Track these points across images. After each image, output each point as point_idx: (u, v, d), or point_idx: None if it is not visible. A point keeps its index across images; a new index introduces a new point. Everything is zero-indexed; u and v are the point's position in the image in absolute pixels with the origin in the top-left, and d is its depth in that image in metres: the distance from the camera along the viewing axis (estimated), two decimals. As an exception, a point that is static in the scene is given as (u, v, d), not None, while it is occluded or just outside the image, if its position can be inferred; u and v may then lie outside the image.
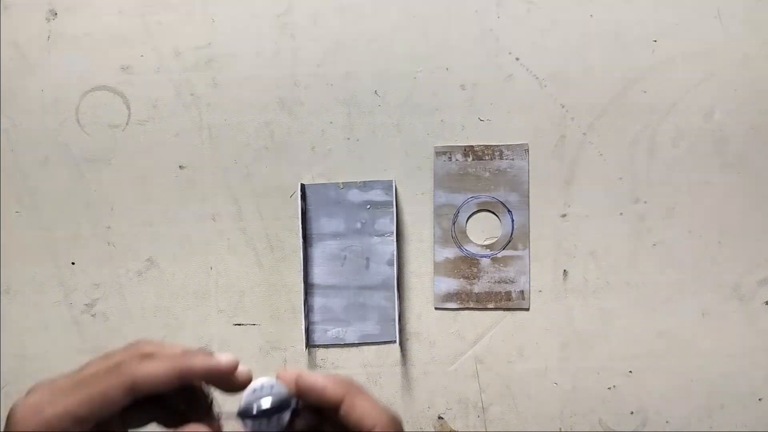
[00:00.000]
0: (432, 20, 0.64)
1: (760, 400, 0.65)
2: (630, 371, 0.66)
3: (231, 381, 0.32)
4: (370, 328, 0.65)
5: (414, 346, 0.66)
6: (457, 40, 0.64)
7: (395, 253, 0.64)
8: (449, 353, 0.66)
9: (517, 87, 0.64)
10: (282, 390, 0.30)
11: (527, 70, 0.64)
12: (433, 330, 0.66)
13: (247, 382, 0.32)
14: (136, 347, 0.32)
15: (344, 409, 0.32)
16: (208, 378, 0.31)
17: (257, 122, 0.65)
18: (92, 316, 0.66)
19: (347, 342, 0.65)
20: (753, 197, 0.65)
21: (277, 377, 0.32)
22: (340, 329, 0.65)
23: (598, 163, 0.65)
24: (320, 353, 0.66)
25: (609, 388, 0.65)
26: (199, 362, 0.31)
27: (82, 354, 0.66)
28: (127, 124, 0.65)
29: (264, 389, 0.29)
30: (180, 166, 0.65)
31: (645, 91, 0.64)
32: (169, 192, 0.65)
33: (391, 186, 0.64)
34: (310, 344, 0.66)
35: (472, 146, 0.65)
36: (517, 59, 0.64)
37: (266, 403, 0.30)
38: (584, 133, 0.65)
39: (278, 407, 0.30)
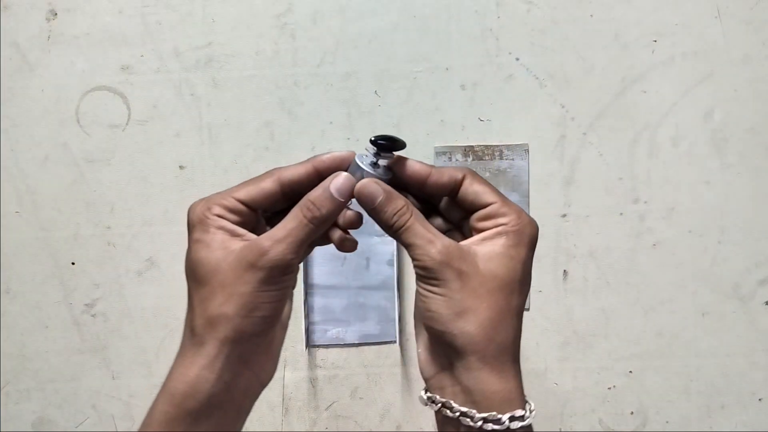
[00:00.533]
0: (432, 20, 0.64)
1: (760, 400, 0.65)
2: (630, 371, 0.66)
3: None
4: (370, 328, 0.65)
5: (414, 347, 0.66)
6: (457, 40, 0.64)
7: (395, 253, 0.64)
8: (449, 353, 0.66)
9: (517, 87, 0.64)
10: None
11: (527, 70, 0.64)
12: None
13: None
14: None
15: (434, 178, 0.38)
16: (333, 166, 0.38)
17: (257, 122, 0.65)
18: (92, 316, 0.66)
19: (347, 342, 0.65)
20: (753, 197, 0.65)
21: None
22: (340, 329, 0.65)
23: (598, 163, 0.65)
24: (320, 353, 0.66)
25: (609, 388, 0.66)
26: (324, 157, 0.38)
27: (82, 354, 0.66)
28: (127, 124, 0.65)
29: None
30: (180, 166, 0.65)
31: (645, 91, 0.64)
32: (169, 192, 0.65)
33: (391, 186, 0.65)
34: (310, 344, 0.66)
35: (472, 146, 0.65)
36: (517, 59, 0.64)
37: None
38: (584, 133, 0.65)
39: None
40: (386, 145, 0.37)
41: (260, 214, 0.39)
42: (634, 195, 0.65)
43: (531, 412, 0.34)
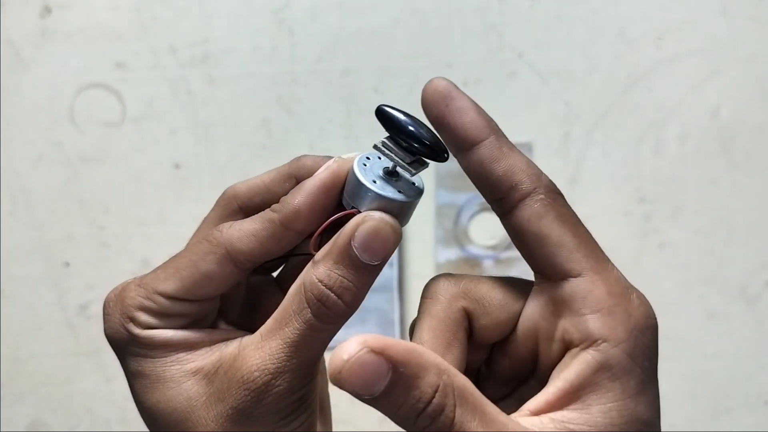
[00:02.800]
0: (433, 15, 0.64)
1: (766, 403, 0.65)
2: (635, 374, 0.65)
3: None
4: (371, 330, 0.65)
5: (415, 349, 0.66)
6: (459, 36, 0.64)
7: (396, 253, 0.63)
8: (451, 356, 0.66)
9: (521, 84, 0.64)
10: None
11: (531, 66, 0.64)
12: (435, 332, 0.65)
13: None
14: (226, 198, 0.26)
15: (486, 153, 0.23)
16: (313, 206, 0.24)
17: (254, 120, 0.65)
18: (86, 317, 0.66)
19: (347, 344, 0.65)
20: (760, 196, 0.65)
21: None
22: (339, 331, 0.65)
23: (603, 162, 0.64)
24: (319, 356, 0.66)
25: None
26: (294, 205, 0.24)
27: (76, 357, 0.66)
28: (121, 122, 0.65)
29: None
30: (175, 165, 0.65)
31: (650, 89, 0.64)
32: (164, 191, 0.65)
33: (392, 185, 0.64)
34: (308, 347, 0.65)
35: (474, 145, 0.64)
36: (521, 56, 0.64)
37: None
38: (589, 132, 0.64)
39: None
40: (426, 149, 0.22)
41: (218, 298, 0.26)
42: (640, 194, 0.65)
43: None
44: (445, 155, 0.23)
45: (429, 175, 0.65)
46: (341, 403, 0.67)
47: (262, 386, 0.22)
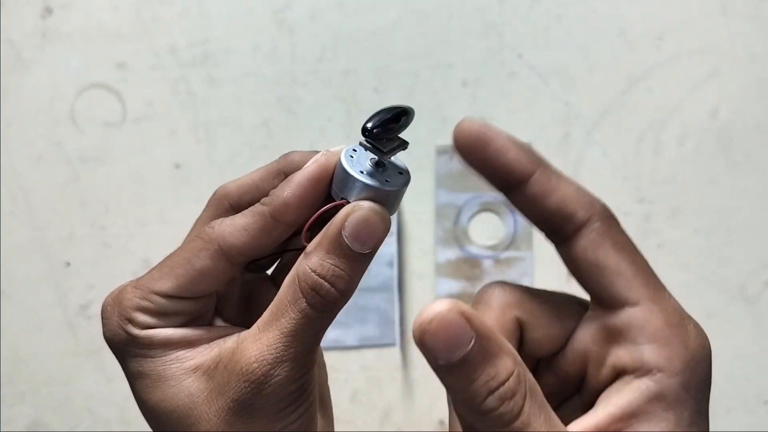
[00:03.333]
0: (433, 16, 0.64)
1: (766, 403, 0.65)
2: (635, 374, 0.65)
3: None
4: (370, 330, 0.65)
5: (415, 349, 0.66)
6: (458, 36, 0.64)
7: (395, 253, 0.63)
8: (450, 356, 0.66)
9: (520, 84, 0.64)
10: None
11: (530, 67, 0.64)
12: (434, 332, 0.65)
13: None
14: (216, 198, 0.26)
15: (535, 188, 0.22)
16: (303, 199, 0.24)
17: (255, 120, 0.65)
18: (87, 317, 0.66)
19: (347, 345, 0.65)
20: (760, 197, 0.65)
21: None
22: (339, 332, 0.65)
23: (603, 162, 0.64)
24: (319, 356, 0.66)
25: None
26: (281, 199, 0.24)
27: (77, 357, 0.66)
28: (122, 122, 0.65)
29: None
30: (176, 165, 0.65)
31: (650, 89, 0.64)
32: (164, 191, 0.65)
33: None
34: (308, 347, 0.65)
35: (473, 145, 0.64)
36: (520, 56, 0.64)
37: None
38: (588, 132, 0.64)
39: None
40: (385, 130, 0.23)
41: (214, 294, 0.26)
42: (639, 194, 0.64)
43: None
44: (404, 124, 0.23)
45: (429, 176, 0.65)
46: (342, 403, 0.67)
47: (261, 377, 0.22)
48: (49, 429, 0.66)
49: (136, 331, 0.24)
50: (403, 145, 0.24)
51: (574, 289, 0.55)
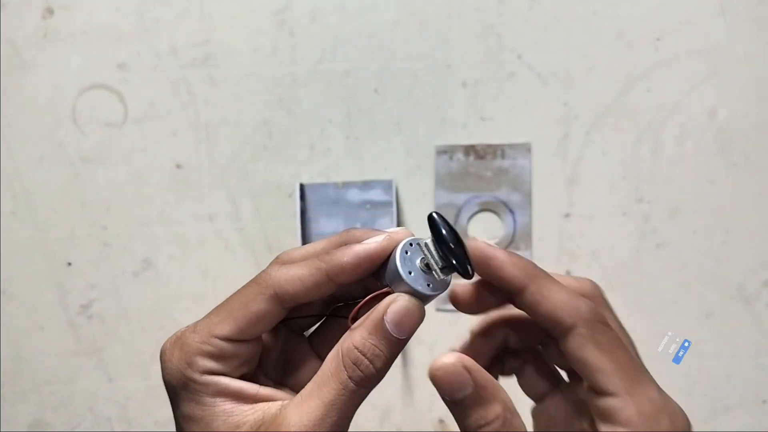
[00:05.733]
0: (433, 17, 0.64)
1: (764, 402, 0.65)
2: (633, 373, 0.65)
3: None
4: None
5: (415, 348, 0.66)
6: (458, 37, 0.64)
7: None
8: (450, 355, 0.66)
9: (520, 85, 0.64)
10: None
11: (529, 67, 0.64)
12: (435, 332, 0.65)
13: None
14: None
15: (529, 299, 0.26)
16: (360, 267, 0.27)
17: (255, 120, 0.65)
18: (88, 317, 0.66)
19: (347, 344, 0.65)
20: (758, 197, 0.65)
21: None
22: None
23: (602, 163, 0.64)
24: (319, 355, 0.66)
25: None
26: (348, 256, 0.27)
27: (78, 356, 0.66)
28: (123, 122, 0.65)
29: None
30: (177, 165, 0.65)
31: (649, 90, 0.64)
32: (165, 191, 0.65)
33: (391, 186, 0.64)
34: (309, 346, 0.65)
35: (473, 145, 0.64)
36: (520, 57, 0.64)
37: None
38: (587, 132, 0.64)
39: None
40: (456, 265, 0.26)
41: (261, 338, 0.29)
42: (638, 194, 0.64)
43: None
44: (470, 275, 0.27)
45: (429, 176, 0.65)
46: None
47: None
48: (51, 428, 0.66)
49: (195, 376, 0.26)
50: (456, 270, 0.27)
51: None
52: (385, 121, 0.64)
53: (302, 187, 0.64)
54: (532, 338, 0.29)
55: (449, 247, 0.26)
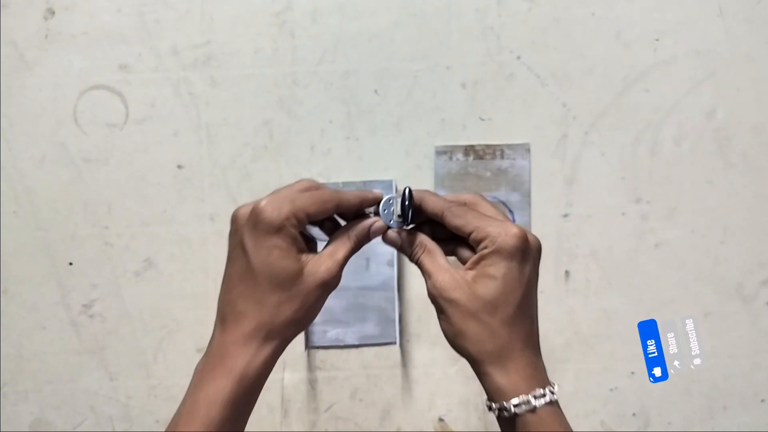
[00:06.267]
0: (432, 18, 0.64)
1: (762, 401, 0.65)
2: (632, 372, 0.66)
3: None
4: (370, 329, 0.65)
5: (414, 348, 0.66)
6: (457, 39, 0.64)
7: (395, 253, 0.64)
8: (450, 354, 0.66)
9: (519, 86, 0.64)
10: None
11: (528, 68, 0.64)
12: (434, 331, 0.66)
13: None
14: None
15: (445, 219, 0.43)
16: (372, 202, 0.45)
17: (256, 121, 0.65)
18: (90, 316, 0.66)
19: (347, 343, 0.65)
20: (756, 197, 0.65)
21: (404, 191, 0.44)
22: (339, 330, 0.65)
23: (600, 163, 0.65)
24: (320, 354, 0.66)
25: (611, 390, 0.65)
26: (370, 196, 0.45)
27: (80, 355, 0.66)
28: (124, 123, 0.65)
29: (392, 200, 0.44)
30: (178, 166, 0.65)
31: (647, 90, 0.64)
32: (167, 192, 0.65)
33: (392, 186, 0.64)
34: (309, 345, 0.65)
35: (473, 145, 0.64)
36: (519, 58, 0.64)
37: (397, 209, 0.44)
38: (586, 133, 0.65)
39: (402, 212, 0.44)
40: (403, 217, 0.44)
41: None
42: (637, 195, 0.65)
43: (538, 398, 0.40)
44: (407, 224, 0.44)
45: (429, 175, 0.65)
46: (343, 400, 0.67)
47: (333, 268, 0.42)
48: (52, 427, 0.66)
49: (290, 226, 0.40)
50: (405, 220, 0.44)
51: (574, 281, 0.56)
52: (385, 121, 0.64)
53: (303, 187, 0.65)
54: (447, 234, 0.44)
55: (402, 208, 0.43)
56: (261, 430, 0.66)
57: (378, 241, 0.60)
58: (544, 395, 0.40)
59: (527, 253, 0.41)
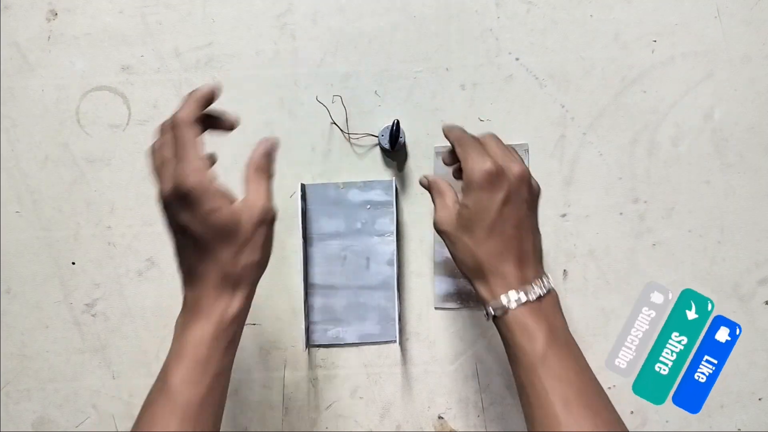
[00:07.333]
0: (432, 20, 0.64)
1: (760, 399, 0.65)
2: (630, 371, 0.66)
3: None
4: (370, 327, 0.65)
5: (414, 346, 0.66)
6: (457, 40, 0.64)
7: (395, 253, 0.64)
8: (449, 353, 0.66)
9: (517, 87, 0.64)
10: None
11: (527, 70, 0.64)
12: (433, 330, 0.66)
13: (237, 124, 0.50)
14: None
15: (463, 170, 0.49)
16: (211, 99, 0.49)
17: (257, 122, 0.65)
18: (92, 316, 0.66)
19: (347, 342, 0.66)
20: (753, 197, 0.65)
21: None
22: (340, 329, 0.65)
23: (598, 163, 0.65)
24: (320, 353, 0.66)
25: (609, 388, 0.66)
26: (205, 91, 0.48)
27: (82, 354, 0.66)
28: (127, 124, 0.65)
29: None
30: (180, 166, 0.65)
31: (645, 91, 0.64)
32: (169, 192, 0.65)
33: (392, 186, 0.64)
34: (310, 344, 0.66)
35: (472, 146, 0.65)
36: (517, 59, 0.64)
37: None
38: (584, 133, 0.65)
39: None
40: (390, 142, 0.56)
41: None
42: (634, 195, 0.65)
43: (511, 301, 0.47)
44: (392, 149, 0.58)
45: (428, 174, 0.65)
46: (343, 398, 0.67)
47: (266, 206, 0.47)
48: (55, 425, 0.66)
49: (212, 186, 0.44)
50: (391, 143, 0.57)
51: (572, 280, 0.56)
52: (385, 122, 0.65)
53: (304, 187, 0.65)
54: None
55: (390, 134, 0.55)
56: (263, 428, 0.66)
57: (378, 241, 0.63)
58: (518, 299, 0.47)
59: (496, 183, 0.46)
